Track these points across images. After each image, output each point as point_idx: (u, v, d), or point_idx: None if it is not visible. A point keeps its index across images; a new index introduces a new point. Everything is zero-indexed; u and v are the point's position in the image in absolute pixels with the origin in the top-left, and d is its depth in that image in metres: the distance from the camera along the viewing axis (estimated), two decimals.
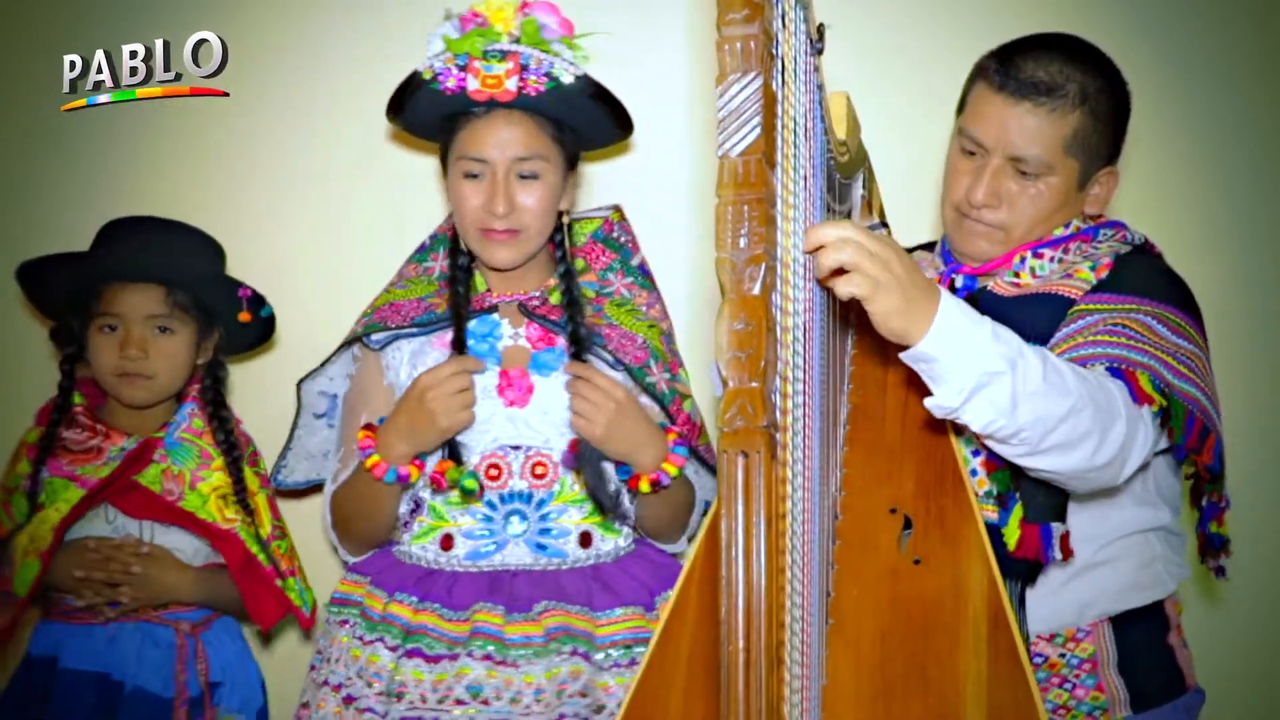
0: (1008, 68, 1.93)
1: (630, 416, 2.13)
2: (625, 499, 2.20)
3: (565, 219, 2.27)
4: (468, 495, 2.17)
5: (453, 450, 2.17)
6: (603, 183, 2.49)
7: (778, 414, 1.36)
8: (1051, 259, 1.98)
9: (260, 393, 2.66)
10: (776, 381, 1.37)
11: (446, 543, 2.21)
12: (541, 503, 2.20)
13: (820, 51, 1.68)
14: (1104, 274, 1.93)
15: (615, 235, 2.35)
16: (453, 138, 2.20)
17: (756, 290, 1.32)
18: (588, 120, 2.21)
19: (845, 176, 1.92)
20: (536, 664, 2.13)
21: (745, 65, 1.34)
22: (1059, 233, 1.99)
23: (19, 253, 2.48)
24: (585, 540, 2.22)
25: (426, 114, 2.21)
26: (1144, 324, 1.85)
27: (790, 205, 1.48)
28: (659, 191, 2.53)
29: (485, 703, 2.12)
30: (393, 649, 2.17)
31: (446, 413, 2.12)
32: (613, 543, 2.24)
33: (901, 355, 1.62)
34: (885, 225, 2.19)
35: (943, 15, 2.53)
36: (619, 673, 2.15)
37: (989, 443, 1.73)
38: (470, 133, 2.17)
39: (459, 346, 2.20)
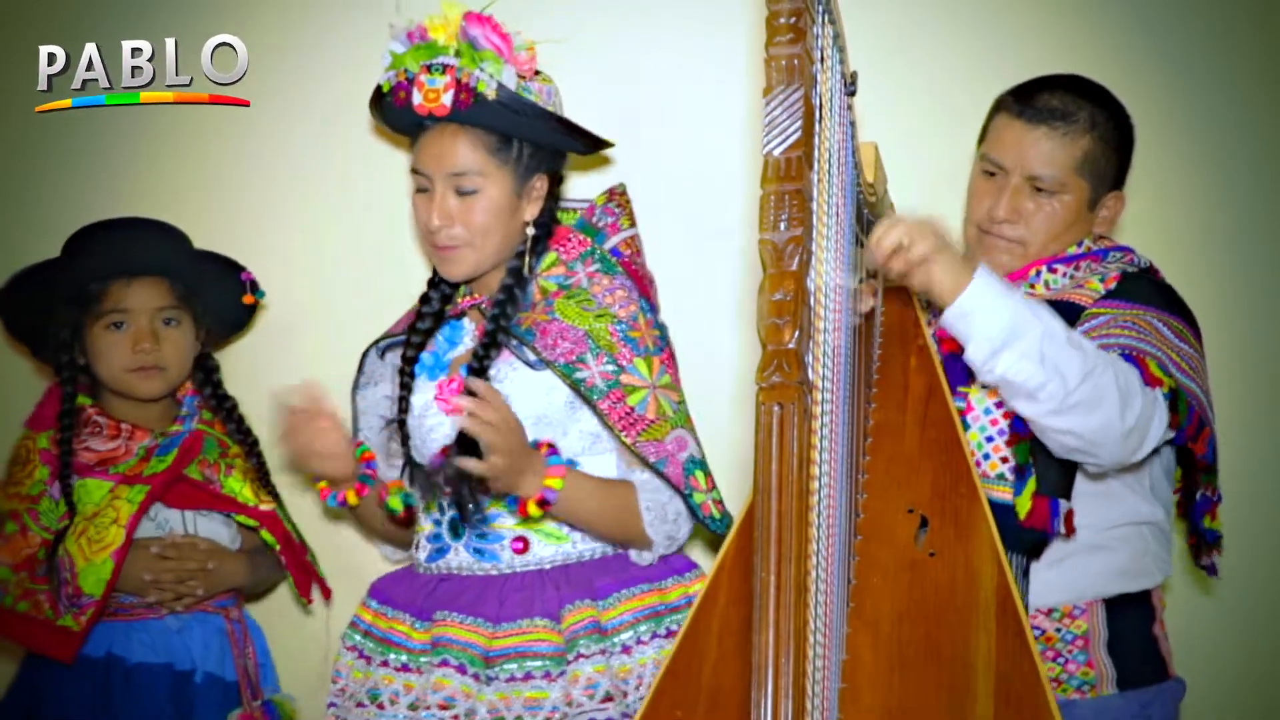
0: (1026, 99, 2.17)
1: (513, 449, 2.05)
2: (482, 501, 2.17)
3: (529, 229, 2.22)
4: (391, 514, 2.24)
5: (406, 467, 2.21)
6: (665, 183, 2.58)
7: (809, 375, 1.54)
8: (1064, 274, 2.18)
9: (255, 386, 2.63)
10: (809, 347, 1.54)
11: (418, 547, 2.27)
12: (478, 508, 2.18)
13: (853, 94, 1.89)
14: (1111, 285, 2.12)
15: (595, 220, 2.31)
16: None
17: (794, 267, 1.50)
18: (539, 134, 2.19)
19: (873, 215, 2.12)
20: (435, 672, 2.13)
21: (789, 79, 1.52)
22: (1072, 250, 2.19)
23: (16, 253, 2.51)
24: (521, 546, 2.18)
25: (394, 124, 2.28)
26: (1150, 324, 2.05)
27: (824, 209, 1.67)
28: (715, 191, 2.64)
29: (381, 707, 2.15)
30: (350, 649, 2.26)
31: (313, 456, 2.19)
32: (555, 548, 2.19)
33: (943, 319, 1.84)
34: None
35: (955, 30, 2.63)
36: (515, 686, 2.11)
37: (1017, 403, 1.91)
38: (419, 146, 2.21)
39: (403, 374, 2.26)
